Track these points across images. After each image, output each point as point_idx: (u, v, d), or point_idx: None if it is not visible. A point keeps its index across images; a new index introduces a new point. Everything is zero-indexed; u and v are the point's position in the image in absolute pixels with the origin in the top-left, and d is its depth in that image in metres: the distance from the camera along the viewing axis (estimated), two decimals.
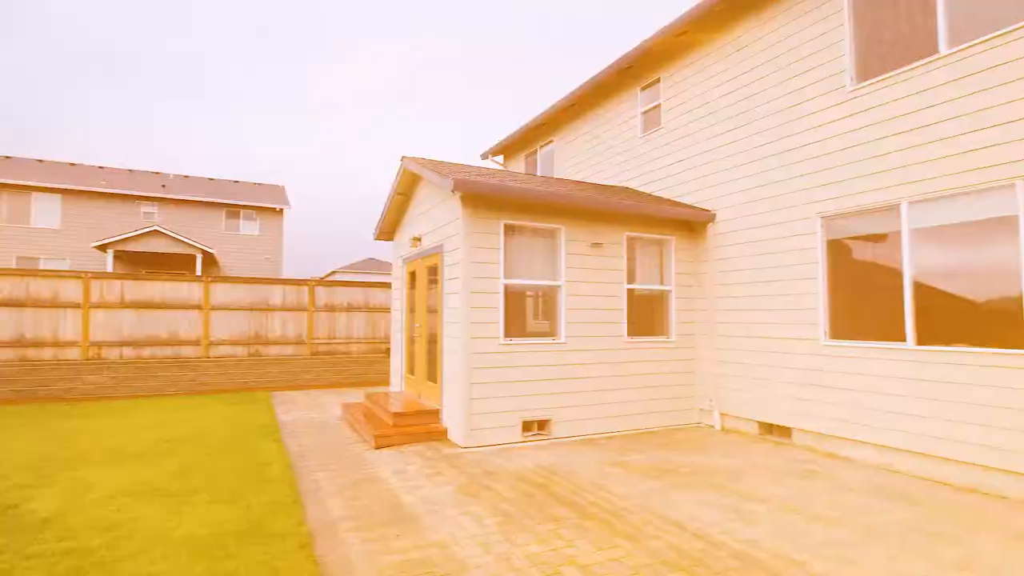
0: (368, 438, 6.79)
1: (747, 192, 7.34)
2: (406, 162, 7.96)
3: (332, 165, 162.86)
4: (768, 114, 7.08)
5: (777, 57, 7.00)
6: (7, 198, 21.99)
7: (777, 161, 6.95)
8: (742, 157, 7.42)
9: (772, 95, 7.05)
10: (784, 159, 6.86)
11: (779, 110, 6.95)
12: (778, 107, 6.97)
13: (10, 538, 3.89)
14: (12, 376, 10.43)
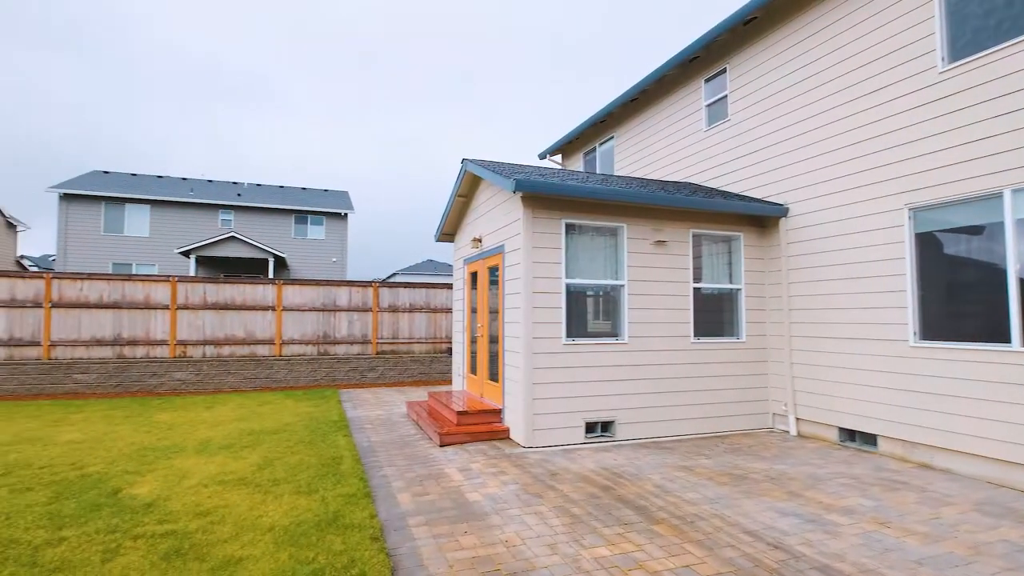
0: (432, 435, 6.93)
1: (824, 184, 6.94)
2: (467, 164, 8.07)
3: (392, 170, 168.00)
4: (847, 100, 6.67)
5: (858, 39, 6.57)
6: (105, 209, 24.04)
7: (858, 151, 6.53)
8: (818, 148, 7.03)
9: (852, 79, 6.63)
10: (866, 148, 6.44)
11: (860, 95, 6.53)
12: (859, 92, 6.54)
13: (120, 519, 4.24)
14: (112, 372, 11.39)
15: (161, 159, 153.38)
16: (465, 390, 8.75)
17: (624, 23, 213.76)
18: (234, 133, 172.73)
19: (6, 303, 11.09)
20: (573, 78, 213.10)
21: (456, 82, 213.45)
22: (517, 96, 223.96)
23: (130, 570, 3.45)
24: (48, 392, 10.98)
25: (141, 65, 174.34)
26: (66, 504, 4.58)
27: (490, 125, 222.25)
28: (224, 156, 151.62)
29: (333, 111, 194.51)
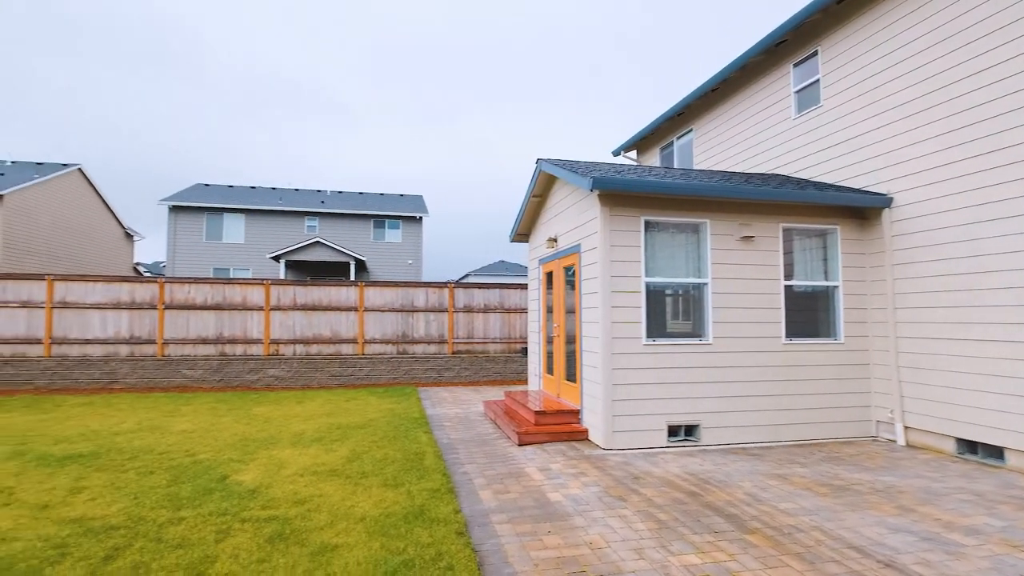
0: (511, 434, 6.97)
1: (938, 171, 6.30)
2: (541, 164, 8.07)
3: (464, 173, 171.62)
4: (965, 75, 6.00)
5: (984, 3, 5.89)
6: (207, 219, 26.20)
7: (976, 132, 5.89)
8: (927, 131, 6.41)
9: (973, 51, 5.95)
10: (988, 128, 5.79)
11: (982, 68, 5.86)
12: (981, 65, 5.87)
13: (228, 503, 4.59)
14: (215, 368, 12.38)
15: (254, 170, 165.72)
16: (542, 390, 8.74)
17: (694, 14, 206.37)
18: (318, 144, 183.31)
19: (127, 305, 12.34)
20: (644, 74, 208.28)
21: (528, 84, 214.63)
22: (587, 95, 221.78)
23: (240, 550, 3.71)
24: (162, 385, 12.10)
25: (232, 85, 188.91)
26: (183, 487, 5.00)
27: (561, 125, 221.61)
28: (309, 166, 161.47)
29: (408, 117, 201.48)
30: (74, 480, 5.21)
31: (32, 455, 6.11)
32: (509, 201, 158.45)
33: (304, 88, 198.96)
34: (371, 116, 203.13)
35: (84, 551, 3.66)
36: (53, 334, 12.03)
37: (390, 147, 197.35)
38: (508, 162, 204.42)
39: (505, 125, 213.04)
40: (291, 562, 3.56)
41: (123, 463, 5.81)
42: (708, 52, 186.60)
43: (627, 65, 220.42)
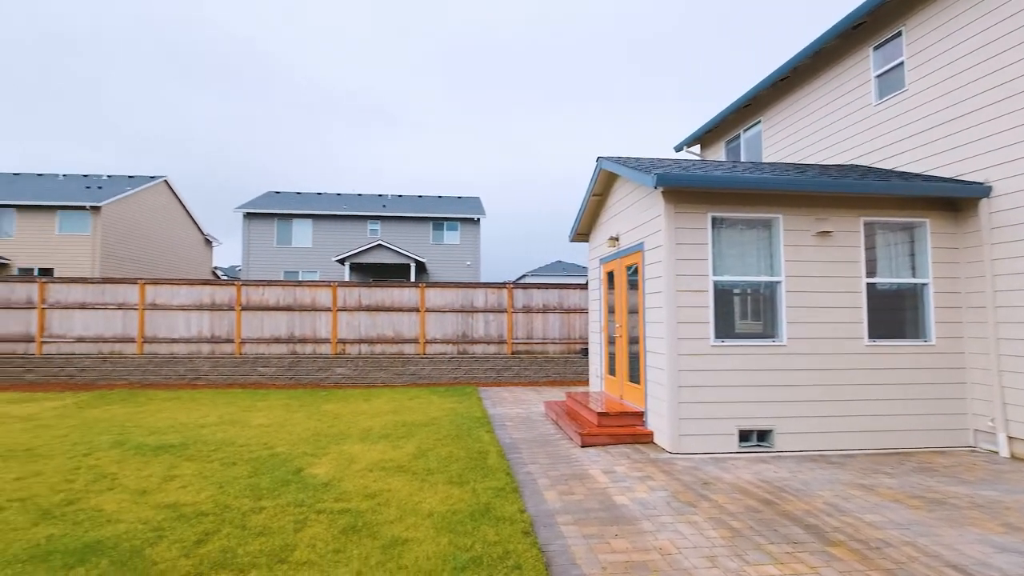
0: (573, 436, 6.91)
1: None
2: (602, 162, 7.96)
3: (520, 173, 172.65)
4: None
5: None
6: (277, 225, 27.62)
7: None
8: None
9: None
10: None
11: None
12: None
13: (304, 495, 4.79)
14: (287, 366, 13.01)
15: (320, 177, 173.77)
16: (603, 391, 8.62)
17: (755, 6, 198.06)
18: (379, 150, 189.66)
19: (208, 307, 13.18)
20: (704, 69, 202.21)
21: (584, 83, 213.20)
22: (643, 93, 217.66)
23: (317, 540, 3.86)
24: (239, 382, 12.83)
25: (297, 98, 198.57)
26: (262, 478, 5.27)
27: (618, 123, 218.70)
28: (371, 171, 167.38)
29: (465, 120, 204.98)
30: (167, 468, 5.60)
31: (130, 444, 6.62)
32: (565, 201, 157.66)
33: (364, 97, 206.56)
34: (429, 121, 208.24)
35: (178, 534, 3.93)
36: (145, 333, 13.02)
37: (448, 150, 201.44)
38: (563, 162, 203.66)
39: (560, 125, 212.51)
40: (364, 553, 3.67)
41: (208, 454, 6.19)
42: (769, 45, 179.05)
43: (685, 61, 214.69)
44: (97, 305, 13.01)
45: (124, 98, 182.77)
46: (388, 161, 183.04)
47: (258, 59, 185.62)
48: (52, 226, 23.97)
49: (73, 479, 5.23)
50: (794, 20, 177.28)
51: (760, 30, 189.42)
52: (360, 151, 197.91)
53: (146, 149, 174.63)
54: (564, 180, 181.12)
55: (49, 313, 12.95)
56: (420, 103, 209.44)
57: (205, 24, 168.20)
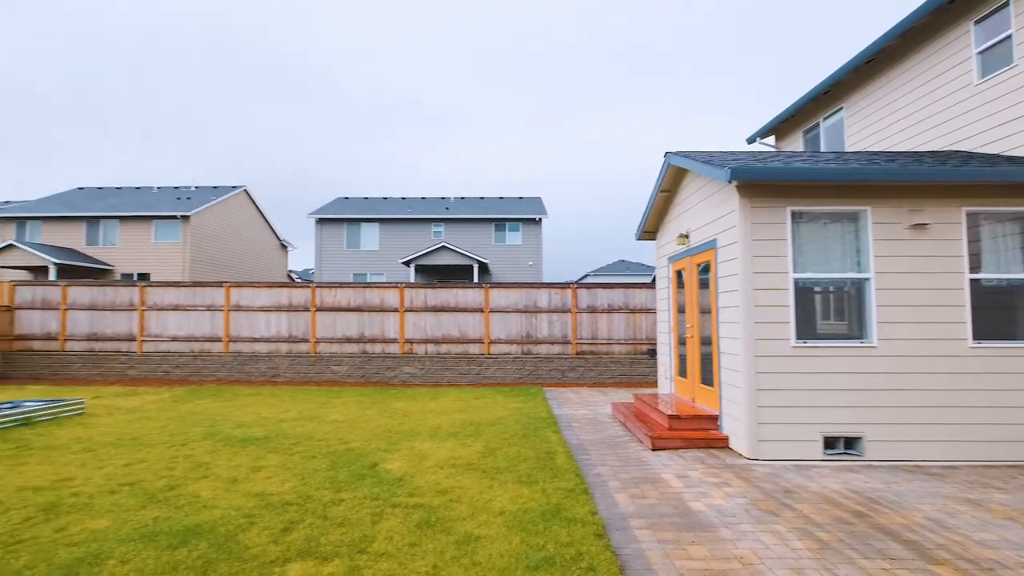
0: (642, 438, 6.75)
1: None
2: (670, 157, 7.73)
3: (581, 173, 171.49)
4: None
5: None
6: (347, 229, 28.78)
7: None
8: None
9: None
10: None
11: None
12: None
13: (379, 489, 4.95)
14: (358, 364, 13.52)
15: (387, 182, 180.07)
16: (673, 393, 8.37)
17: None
18: (442, 153, 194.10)
19: (286, 308, 13.92)
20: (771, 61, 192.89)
21: (645, 80, 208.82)
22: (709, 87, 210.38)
23: (393, 533, 3.97)
24: (314, 380, 13.46)
25: (363, 108, 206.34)
26: (340, 472, 5.49)
27: (681, 120, 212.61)
28: (435, 174, 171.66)
29: (525, 121, 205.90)
30: (254, 460, 5.94)
31: (220, 436, 7.08)
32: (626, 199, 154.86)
33: (428, 103, 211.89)
34: (490, 123, 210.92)
35: (266, 522, 4.15)
36: (230, 333, 13.92)
37: (509, 152, 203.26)
38: (624, 160, 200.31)
39: (620, 123, 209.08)
40: (439, 548, 3.74)
41: (290, 447, 6.52)
42: (841, 35, 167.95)
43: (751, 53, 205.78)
44: (188, 307, 14.05)
45: (208, 114, 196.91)
46: (451, 164, 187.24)
47: (321, 75, 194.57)
48: (148, 234, 26.12)
49: (173, 467, 5.65)
50: (863, 14, 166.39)
51: (828, 25, 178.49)
52: (425, 156, 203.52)
53: (228, 160, 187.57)
54: (625, 179, 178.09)
55: (148, 314, 14.11)
56: (481, 106, 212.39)
57: (274, 45, 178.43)
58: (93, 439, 6.91)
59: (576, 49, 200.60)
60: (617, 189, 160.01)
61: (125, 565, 3.45)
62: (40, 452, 6.25)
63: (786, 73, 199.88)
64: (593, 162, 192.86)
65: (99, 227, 26.40)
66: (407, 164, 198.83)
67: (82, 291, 14.27)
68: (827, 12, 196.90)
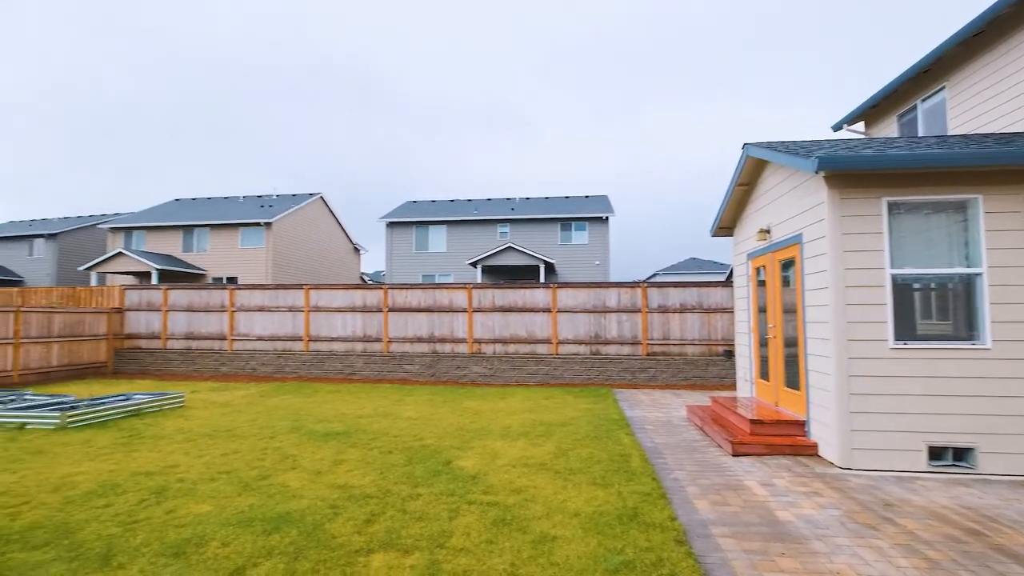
0: (722, 443, 6.47)
1: None
2: (748, 149, 7.37)
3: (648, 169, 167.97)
4: None
5: None
6: (415, 232, 29.61)
7: None
8: None
9: None
10: None
11: None
12: None
13: (455, 486, 5.02)
14: (428, 363, 13.85)
15: (453, 184, 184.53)
16: (754, 397, 7.96)
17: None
18: (506, 154, 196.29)
19: (360, 308, 14.49)
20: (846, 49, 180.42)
21: (710, 73, 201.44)
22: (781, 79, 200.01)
23: (470, 529, 4.01)
24: (387, 378, 13.91)
25: (428, 112, 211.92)
26: (416, 467, 5.63)
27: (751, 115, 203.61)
28: (502, 176, 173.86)
29: (589, 119, 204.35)
30: (335, 453, 6.21)
31: (304, 431, 7.46)
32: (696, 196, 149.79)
33: (492, 106, 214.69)
34: (555, 122, 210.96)
35: (350, 513, 4.32)
36: (309, 333, 14.67)
37: (574, 151, 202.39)
38: (694, 156, 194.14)
39: (687, 118, 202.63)
40: (515, 546, 3.74)
41: (368, 442, 6.76)
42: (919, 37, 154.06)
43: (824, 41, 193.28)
44: (272, 308, 14.94)
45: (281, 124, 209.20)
46: (517, 165, 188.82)
47: (387, 84, 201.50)
48: (236, 241, 28.04)
49: (263, 458, 6.01)
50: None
51: (907, 11, 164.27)
52: (490, 158, 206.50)
53: (303, 168, 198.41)
54: (694, 175, 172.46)
55: (236, 315, 15.13)
56: (545, 106, 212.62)
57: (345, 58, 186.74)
58: (193, 430, 7.48)
59: (640, 46, 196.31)
60: (686, 186, 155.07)
61: (226, 547, 3.69)
62: (149, 441, 6.83)
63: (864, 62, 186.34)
64: (660, 159, 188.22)
65: (193, 235, 28.64)
66: (473, 167, 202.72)
67: (180, 294, 15.52)
68: (908, 10, 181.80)
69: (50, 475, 5.34)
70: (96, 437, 7.01)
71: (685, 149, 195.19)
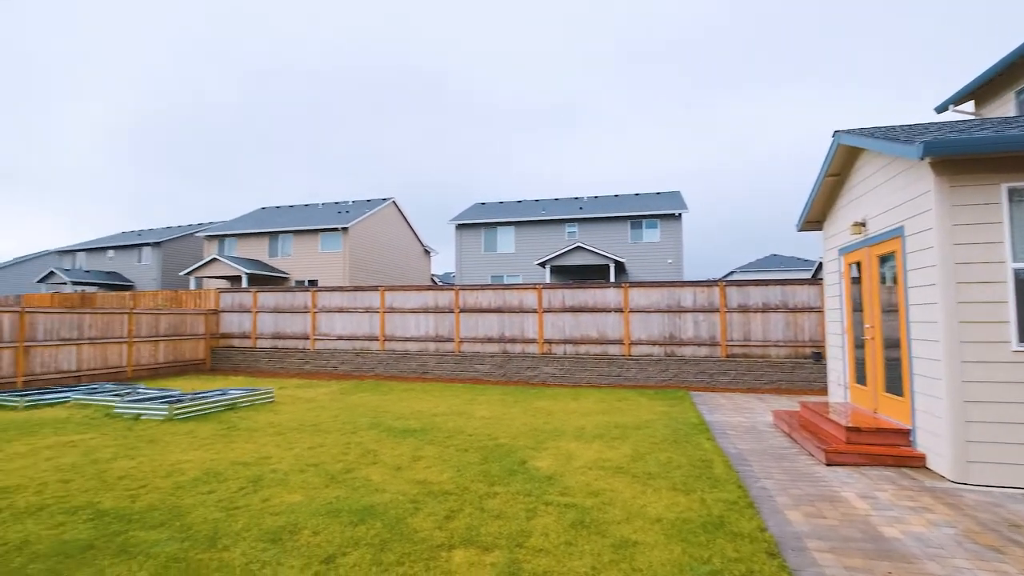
0: (814, 451, 6.06)
1: None
2: (840, 136, 6.87)
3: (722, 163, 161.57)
4: None
5: None
6: (484, 233, 30.01)
7: None
8: None
9: None
10: None
11: None
12: None
13: (531, 486, 5.01)
14: (499, 363, 13.96)
15: (523, 185, 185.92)
16: (849, 403, 7.41)
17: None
18: (575, 154, 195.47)
19: (432, 309, 14.85)
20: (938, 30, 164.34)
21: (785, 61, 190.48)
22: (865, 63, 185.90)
23: (549, 530, 3.98)
24: (459, 378, 14.16)
25: (495, 115, 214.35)
26: (492, 466, 5.66)
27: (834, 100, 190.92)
28: (569, 175, 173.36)
29: (659, 115, 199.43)
30: (413, 450, 6.37)
31: (383, 427, 7.72)
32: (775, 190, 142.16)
33: (560, 105, 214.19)
34: (624, 118, 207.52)
35: (430, 508, 4.40)
36: (385, 333, 15.21)
37: (643, 147, 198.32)
38: (771, 148, 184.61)
39: (761, 109, 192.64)
40: (596, 550, 3.66)
41: (444, 440, 6.89)
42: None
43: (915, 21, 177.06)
44: (350, 309, 15.62)
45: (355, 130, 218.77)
46: (585, 165, 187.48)
47: (455, 86, 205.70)
48: (316, 245, 29.59)
49: (347, 452, 6.27)
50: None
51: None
52: (558, 158, 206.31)
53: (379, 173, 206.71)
54: (772, 168, 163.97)
55: (318, 316, 15.95)
56: (611, 103, 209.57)
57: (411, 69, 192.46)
58: (282, 424, 7.94)
59: (708, 35, 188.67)
60: (763, 180, 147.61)
61: (317, 536, 3.87)
62: (244, 433, 7.32)
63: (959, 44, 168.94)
64: (734, 153, 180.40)
65: (278, 240, 30.52)
66: (540, 169, 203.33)
67: (268, 296, 16.57)
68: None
69: (162, 462, 5.84)
70: (198, 428, 7.59)
71: (760, 142, 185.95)
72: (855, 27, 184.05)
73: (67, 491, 4.88)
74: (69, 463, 5.80)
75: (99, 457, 6.05)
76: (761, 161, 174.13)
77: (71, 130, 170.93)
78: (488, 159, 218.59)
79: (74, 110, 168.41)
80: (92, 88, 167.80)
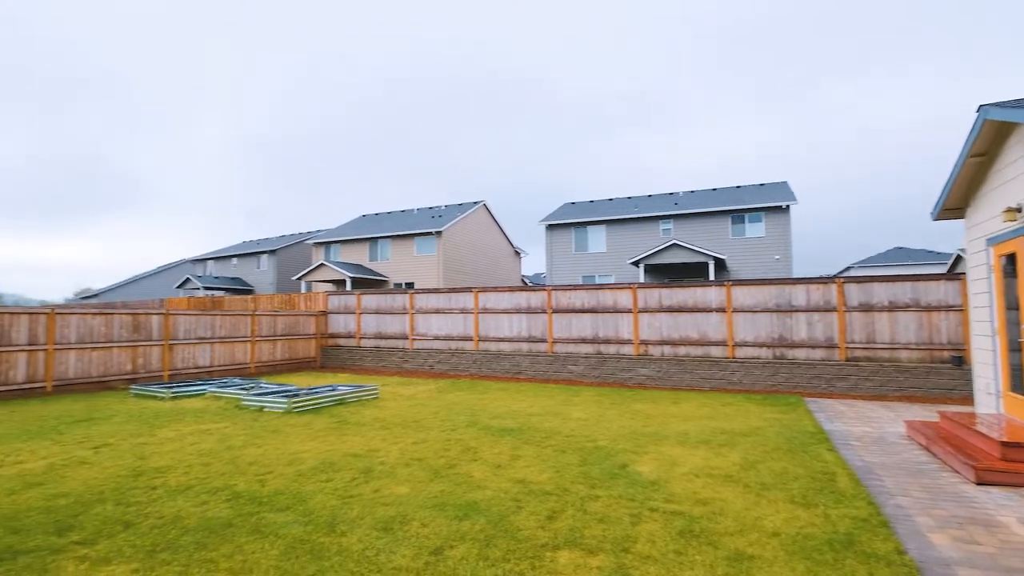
0: (959, 467, 5.34)
1: None
2: (988, 111, 6.03)
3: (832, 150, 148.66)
4: None
5: None
6: (574, 233, 29.80)
7: None
8: None
9: None
10: None
11: None
12: None
13: (634, 491, 4.85)
14: (593, 364, 13.76)
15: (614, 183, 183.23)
16: (1002, 413, 6.46)
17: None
18: (666, 147, 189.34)
19: (524, 310, 14.95)
20: None
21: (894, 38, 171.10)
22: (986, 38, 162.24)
23: (655, 538, 3.82)
24: (552, 378, 14.13)
25: (584, 111, 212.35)
26: (591, 468, 5.56)
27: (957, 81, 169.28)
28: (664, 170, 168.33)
29: (757, 101, 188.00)
30: (512, 449, 6.42)
31: (480, 425, 7.86)
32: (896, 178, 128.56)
33: (650, 100, 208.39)
34: (718, 108, 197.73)
35: (532, 508, 4.40)
36: (479, 333, 15.54)
37: (740, 138, 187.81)
38: (889, 135, 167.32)
39: (872, 93, 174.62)
40: (708, 561, 3.47)
41: (541, 440, 6.88)
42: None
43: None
44: (445, 310, 16.13)
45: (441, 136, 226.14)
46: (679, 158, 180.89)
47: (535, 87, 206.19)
48: (411, 249, 30.94)
49: (448, 448, 6.45)
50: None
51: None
52: (651, 153, 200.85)
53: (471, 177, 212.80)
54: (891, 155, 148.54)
55: (416, 317, 16.63)
56: (705, 95, 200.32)
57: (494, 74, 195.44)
58: (387, 419, 8.34)
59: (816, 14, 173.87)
60: (880, 168, 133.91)
61: (425, 528, 4.00)
62: (353, 427, 7.77)
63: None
64: (847, 140, 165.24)
65: (377, 245, 32.30)
66: (632, 165, 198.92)
67: (370, 298, 17.55)
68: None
69: (284, 451, 6.34)
70: (314, 421, 8.17)
71: (874, 127, 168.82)
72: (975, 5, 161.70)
73: (207, 473, 5.44)
74: (208, 448, 6.47)
75: (232, 444, 6.69)
76: (884, 149, 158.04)
77: (196, 149, 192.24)
78: (578, 157, 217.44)
79: (196, 135, 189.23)
80: (210, 115, 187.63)
